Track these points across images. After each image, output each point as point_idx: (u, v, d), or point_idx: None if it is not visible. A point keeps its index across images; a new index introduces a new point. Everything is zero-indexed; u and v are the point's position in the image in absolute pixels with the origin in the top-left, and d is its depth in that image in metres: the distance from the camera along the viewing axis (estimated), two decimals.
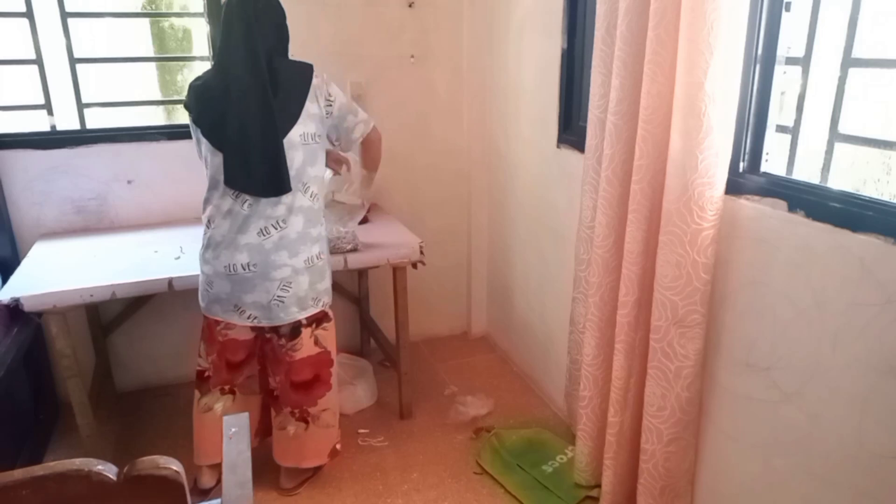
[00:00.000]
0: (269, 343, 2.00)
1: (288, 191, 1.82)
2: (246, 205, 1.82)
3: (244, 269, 1.84)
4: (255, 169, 1.79)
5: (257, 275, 1.84)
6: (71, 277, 1.97)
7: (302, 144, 1.84)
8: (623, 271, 1.76)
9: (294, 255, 1.87)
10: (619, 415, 1.87)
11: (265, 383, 2.10)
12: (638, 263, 1.72)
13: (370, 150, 2.08)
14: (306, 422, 2.03)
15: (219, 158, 1.81)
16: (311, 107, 1.86)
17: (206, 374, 2.03)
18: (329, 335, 2.04)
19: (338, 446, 2.15)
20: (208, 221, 1.88)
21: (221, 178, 1.81)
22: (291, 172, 1.82)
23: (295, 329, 1.95)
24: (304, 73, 1.88)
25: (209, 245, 1.88)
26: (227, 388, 2.04)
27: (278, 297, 1.87)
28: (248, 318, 1.90)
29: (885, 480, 1.29)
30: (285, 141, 1.80)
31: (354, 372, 2.68)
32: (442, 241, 3.04)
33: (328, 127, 1.93)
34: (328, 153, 2.05)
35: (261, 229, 1.84)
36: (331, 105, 1.91)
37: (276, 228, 1.84)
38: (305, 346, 1.97)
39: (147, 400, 2.66)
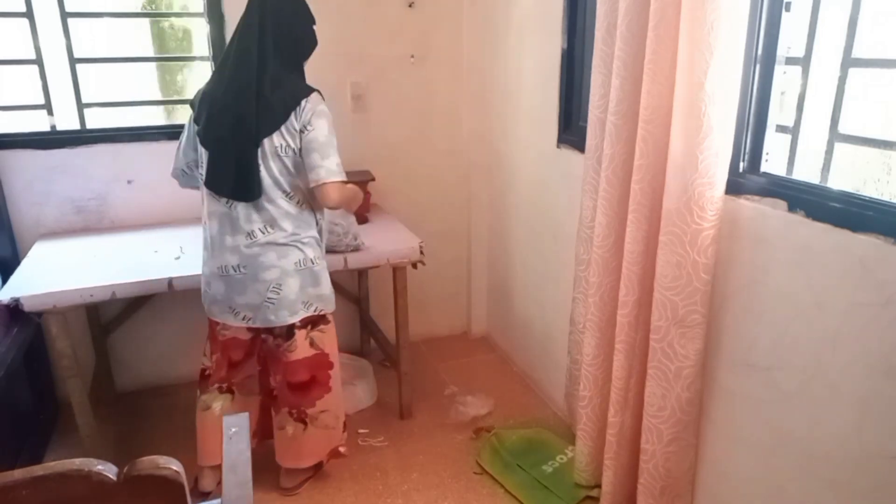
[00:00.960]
0: (267, 343, 2.01)
1: (256, 197, 1.81)
2: (231, 207, 1.83)
3: (235, 271, 1.85)
4: (225, 171, 1.81)
5: (248, 276, 1.85)
6: (71, 277, 1.97)
7: (279, 155, 1.81)
8: (623, 271, 1.76)
9: (283, 256, 1.85)
10: (619, 415, 1.87)
11: (266, 384, 2.10)
12: (638, 263, 1.72)
13: (322, 201, 1.85)
14: (304, 423, 2.03)
15: (205, 158, 1.84)
16: (293, 122, 1.80)
17: (207, 372, 2.04)
18: (326, 337, 2.03)
19: (341, 449, 2.14)
20: (204, 222, 1.90)
21: None
22: (268, 180, 1.81)
23: (289, 330, 1.95)
24: (299, 90, 1.83)
25: (204, 246, 1.91)
26: (224, 386, 2.04)
27: (268, 298, 1.87)
28: (242, 318, 1.90)
29: (885, 480, 1.29)
30: (262, 149, 1.79)
31: (354, 372, 2.68)
32: (442, 241, 3.04)
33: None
34: None
35: (248, 232, 1.84)
36: (306, 132, 1.80)
37: (264, 233, 1.84)
38: (300, 348, 1.97)
39: (147, 400, 2.66)
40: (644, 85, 1.59)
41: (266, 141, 1.79)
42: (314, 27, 1.99)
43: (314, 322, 1.98)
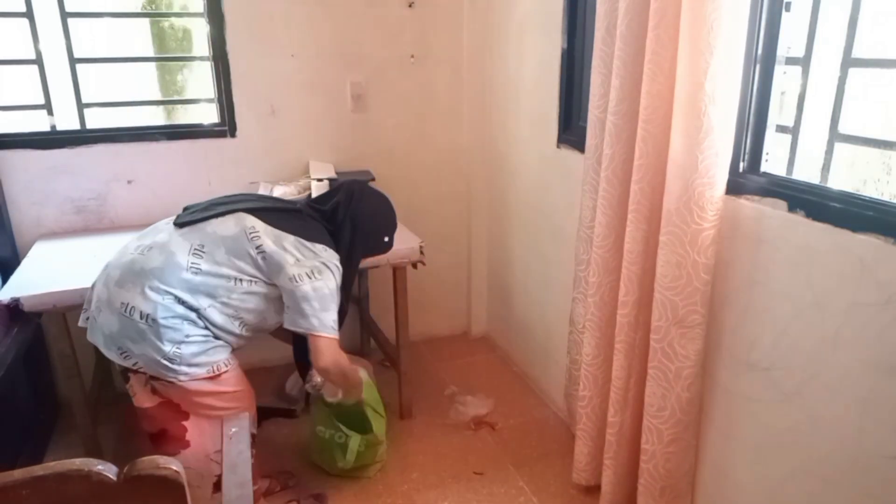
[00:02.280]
0: None
1: (184, 224, 1.72)
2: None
3: None
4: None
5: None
6: (71, 277, 1.97)
7: (244, 233, 1.69)
8: (623, 271, 1.75)
9: (120, 285, 1.63)
10: (619, 415, 1.87)
11: None
12: (638, 263, 1.72)
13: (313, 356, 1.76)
14: None
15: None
16: (293, 249, 1.70)
17: None
18: (173, 388, 1.69)
19: None
20: None
21: None
22: (207, 228, 1.70)
23: (123, 370, 1.73)
24: (320, 231, 1.80)
25: None
26: None
27: (87, 317, 1.74)
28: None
29: (885, 480, 1.29)
30: (237, 214, 1.73)
31: None
32: (442, 240, 3.04)
33: (282, 294, 1.73)
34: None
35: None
36: (306, 282, 1.69)
37: (139, 252, 1.69)
38: (140, 395, 1.73)
39: None
40: (644, 85, 1.59)
41: (249, 218, 1.72)
42: (385, 239, 1.97)
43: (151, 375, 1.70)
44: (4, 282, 2.01)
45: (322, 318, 1.71)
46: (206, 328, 1.69)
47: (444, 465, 2.27)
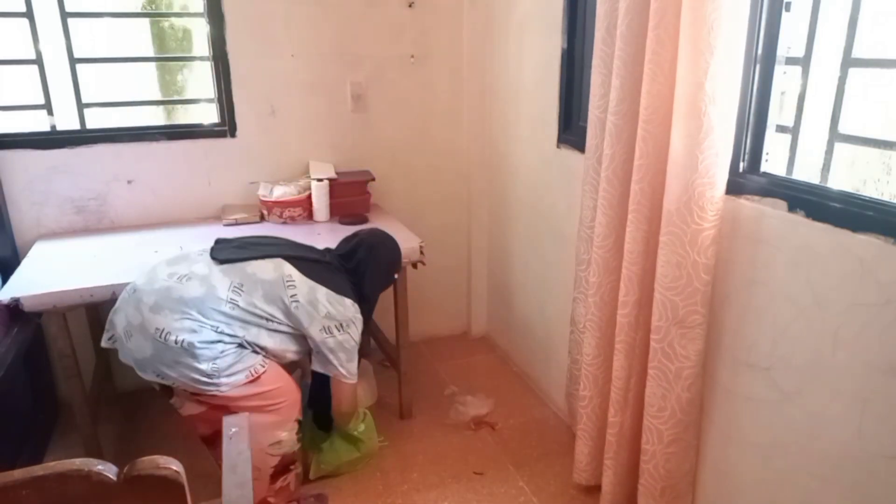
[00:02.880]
0: None
1: (224, 262, 1.80)
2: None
3: None
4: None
5: None
6: (71, 277, 1.97)
7: (281, 280, 1.80)
8: (623, 271, 1.75)
9: (156, 311, 1.68)
10: (619, 415, 1.87)
11: None
12: (638, 263, 1.72)
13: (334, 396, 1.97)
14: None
15: None
16: (324, 299, 1.83)
17: None
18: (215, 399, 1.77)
19: (270, 500, 1.90)
20: None
21: None
22: (247, 268, 1.79)
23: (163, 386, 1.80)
24: (347, 284, 1.93)
25: None
26: None
27: (112, 339, 1.82)
28: None
29: (885, 480, 1.29)
30: (276, 259, 1.83)
31: None
32: (442, 240, 3.04)
33: (309, 340, 1.85)
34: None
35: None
36: (336, 335, 1.85)
37: (177, 280, 1.76)
38: (186, 406, 1.82)
39: (147, 400, 2.65)
40: (644, 85, 1.59)
41: (287, 266, 1.83)
42: (395, 276, 2.19)
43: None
44: (4, 282, 2.01)
45: (348, 368, 1.89)
46: (234, 337, 1.74)
47: (444, 465, 2.27)
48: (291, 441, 1.89)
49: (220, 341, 1.70)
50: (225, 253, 1.83)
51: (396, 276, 2.20)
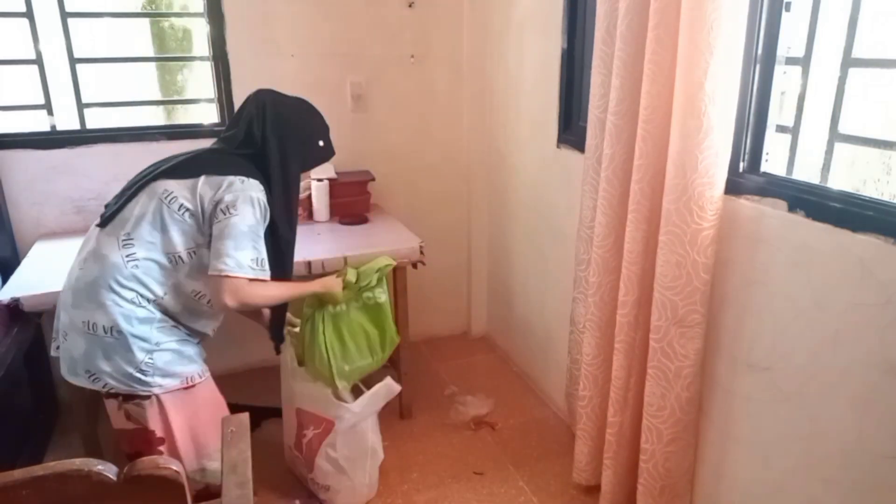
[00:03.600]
0: None
1: (105, 223, 1.60)
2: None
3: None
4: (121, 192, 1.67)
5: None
6: None
7: (160, 201, 1.57)
8: (623, 271, 1.76)
9: (76, 306, 1.56)
10: (618, 415, 1.87)
11: None
12: (638, 263, 1.72)
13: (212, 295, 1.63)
14: None
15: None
16: (205, 190, 1.58)
17: None
18: (150, 413, 1.61)
19: None
20: None
21: None
22: (124, 214, 1.58)
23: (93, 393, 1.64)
24: (232, 163, 1.64)
25: None
26: None
27: (58, 346, 1.63)
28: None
29: (885, 480, 1.29)
30: (148, 186, 1.60)
31: None
32: (442, 241, 3.04)
33: (207, 235, 1.60)
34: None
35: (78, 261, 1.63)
36: (221, 219, 1.55)
37: (79, 268, 1.61)
38: (114, 418, 1.65)
39: None
40: (644, 85, 1.59)
41: (161, 182, 1.60)
42: (320, 143, 1.82)
43: (125, 396, 1.60)
44: (4, 282, 2.01)
45: (236, 258, 1.54)
46: (176, 326, 1.63)
47: (444, 465, 2.27)
48: (216, 474, 1.65)
49: (152, 323, 1.56)
50: (106, 212, 1.64)
51: (323, 144, 1.83)
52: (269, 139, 1.68)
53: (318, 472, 2.00)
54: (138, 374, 1.55)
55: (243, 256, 1.56)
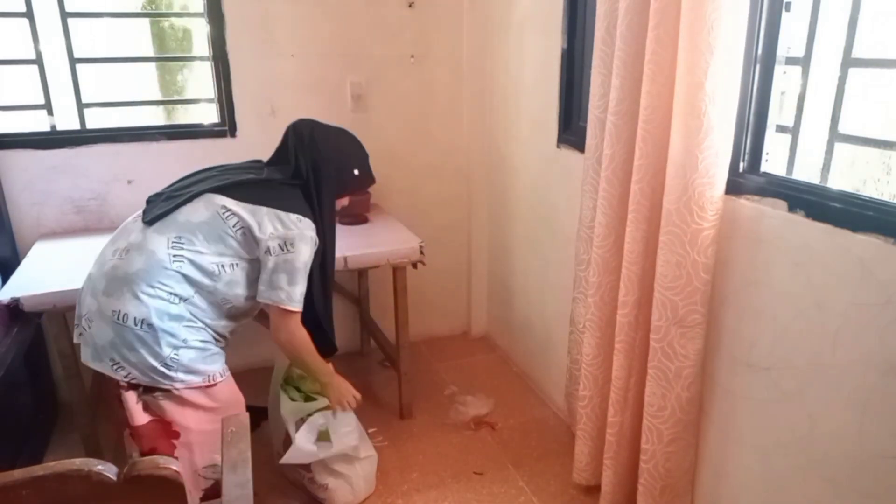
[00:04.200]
0: None
1: (154, 220, 1.66)
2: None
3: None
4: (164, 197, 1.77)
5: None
6: (71, 277, 1.97)
7: (217, 215, 1.66)
8: (623, 271, 1.76)
9: (108, 294, 1.60)
10: (619, 415, 1.87)
11: None
12: (638, 263, 1.72)
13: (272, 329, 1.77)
14: None
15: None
16: (266, 221, 1.67)
17: None
18: (171, 405, 1.66)
19: None
20: None
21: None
22: (177, 217, 1.66)
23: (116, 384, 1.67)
24: (294, 197, 1.74)
25: None
26: None
27: (80, 332, 1.66)
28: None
29: (885, 480, 1.29)
30: (204, 196, 1.68)
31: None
32: (442, 240, 3.04)
33: (259, 271, 1.72)
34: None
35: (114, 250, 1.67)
36: (279, 254, 1.67)
37: (118, 257, 1.64)
38: (133, 412, 1.66)
39: None
40: (644, 85, 1.59)
41: (219, 197, 1.68)
42: (356, 172, 1.89)
43: (145, 388, 1.65)
44: (4, 282, 2.01)
45: (289, 292, 1.70)
46: (204, 329, 1.68)
47: (444, 465, 2.27)
48: None
49: (182, 321, 1.62)
50: (154, 211, 1.70)
51: (358, 172, 1.90)
52: (310, 171, 1.80)
53: (315, 472, 2.00)
54: (163, 368, 1.60)
55: (296, 291, 1.71)
